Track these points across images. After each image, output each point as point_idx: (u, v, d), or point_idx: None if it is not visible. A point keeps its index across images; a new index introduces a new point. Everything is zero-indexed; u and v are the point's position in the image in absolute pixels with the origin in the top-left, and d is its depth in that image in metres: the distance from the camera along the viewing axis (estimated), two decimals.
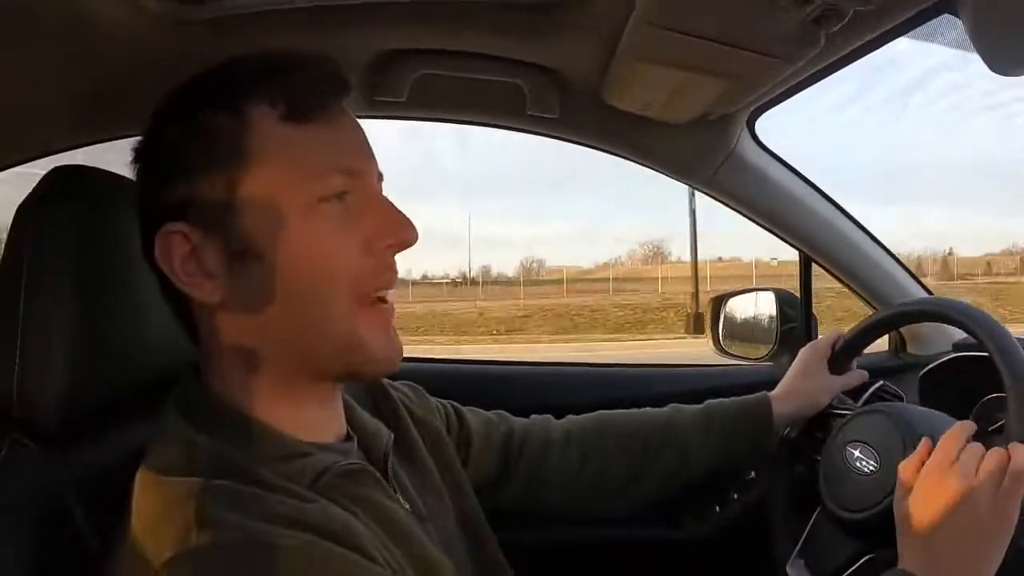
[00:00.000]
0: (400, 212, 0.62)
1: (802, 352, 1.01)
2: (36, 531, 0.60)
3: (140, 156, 0.62)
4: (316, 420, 0.64)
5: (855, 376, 1.03)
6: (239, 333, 0.60)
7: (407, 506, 0.67)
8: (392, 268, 0.62)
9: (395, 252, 0.62)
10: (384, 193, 0.65)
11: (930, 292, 1.35)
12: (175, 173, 0.59)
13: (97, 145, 1.07)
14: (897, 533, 0.72)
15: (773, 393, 0.98)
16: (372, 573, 0.52)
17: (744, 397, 0.98)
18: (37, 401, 0.62)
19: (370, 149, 0.64)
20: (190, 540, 0.49)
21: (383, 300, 0.62)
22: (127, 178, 0.70)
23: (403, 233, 0.61)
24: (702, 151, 1.15)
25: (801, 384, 0.98)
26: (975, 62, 0.68)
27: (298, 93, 0.58)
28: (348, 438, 0.68)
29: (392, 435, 0.73)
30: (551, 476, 0.93)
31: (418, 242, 0.63)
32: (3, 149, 1.08)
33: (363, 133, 0.64)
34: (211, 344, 0.62)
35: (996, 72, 0.67)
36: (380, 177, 0.64)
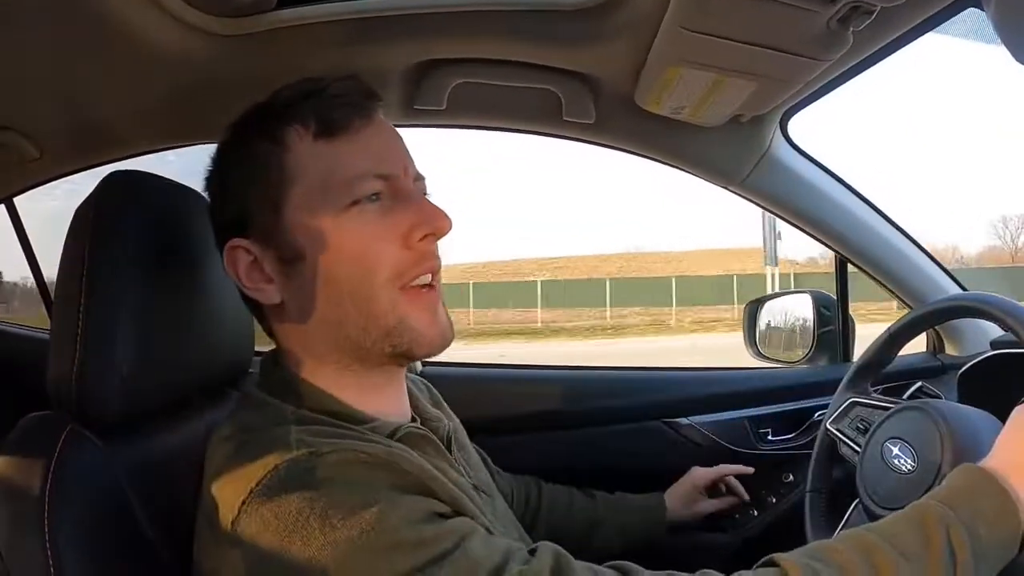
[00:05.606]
0: (432, 204, 0.67)
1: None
2: (94, 519, 0.61)
3: (209, 182, 0.70)
4: (383, 403, 0.69)
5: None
6: (300, 329, 0.66)
7: (469, 479, 0.72)
8: (431, 256, 0.67)
9: (432, 242, 0.67)
10: (428, 191, 0.70)
11: (965, 289, 1.32)
12: (233, 195, 0.67)
13: None
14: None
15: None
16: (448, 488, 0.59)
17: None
18: (96, 394, 0.64)
19: (402, 151, 0.69)
20: (278, 465, 0.56)
21: (428, 286, 0.67)
22: (179, 183, 0.75)
23: (437, 223, 0.66)
24: (736, 153, 1.15)
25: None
26: None
27: (325, 113, 0.65)
28: (413, 420, 0.73)
29: (451, 424, 0.78)
30: None
31: None
32: (67, 158, 1.15)
33: (394, 137, 0.70)
34: (281, 340, 0.69)
35: (1021, 63, 0.66)
36: (418, 177, 0.69)
